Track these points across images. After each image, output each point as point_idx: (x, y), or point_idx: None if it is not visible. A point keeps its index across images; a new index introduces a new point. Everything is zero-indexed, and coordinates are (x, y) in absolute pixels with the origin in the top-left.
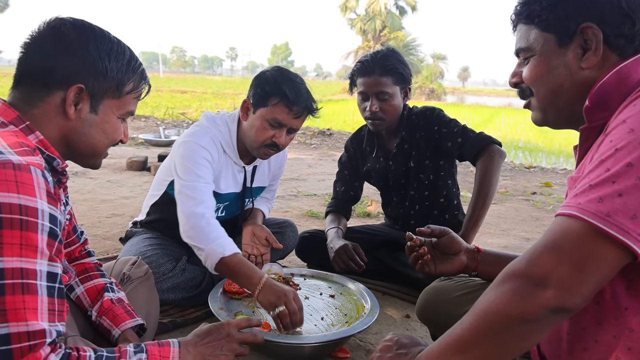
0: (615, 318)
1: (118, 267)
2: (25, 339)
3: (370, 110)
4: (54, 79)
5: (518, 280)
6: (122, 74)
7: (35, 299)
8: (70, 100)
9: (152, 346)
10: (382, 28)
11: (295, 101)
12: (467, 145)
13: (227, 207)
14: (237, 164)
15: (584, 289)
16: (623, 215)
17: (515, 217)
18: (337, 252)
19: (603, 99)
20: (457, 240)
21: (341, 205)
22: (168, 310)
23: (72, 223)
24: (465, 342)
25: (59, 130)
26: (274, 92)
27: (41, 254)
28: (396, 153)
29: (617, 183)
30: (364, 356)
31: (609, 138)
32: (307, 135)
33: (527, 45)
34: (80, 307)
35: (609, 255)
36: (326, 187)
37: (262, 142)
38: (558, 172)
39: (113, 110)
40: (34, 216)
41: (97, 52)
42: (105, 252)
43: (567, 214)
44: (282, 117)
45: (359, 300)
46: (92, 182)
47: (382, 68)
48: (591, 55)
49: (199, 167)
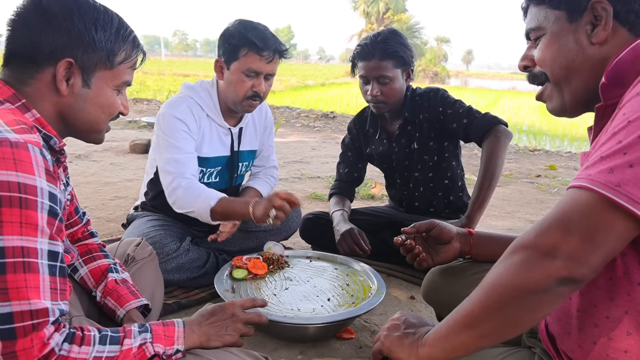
0: (627, 294)
1: (122, 248)
2: (28, 317)
3: (371, 94)
4: (42, 55)
5: (527, 252)
6: (112, 44)
7: (37, 278)
8: (60, 75)
9: (157, 326)
10: (386, 10)
11: (264, 47)
12: (472, 126)
13: (219, 173)
14: (222, 126)
15: (593, 260)
16: (633, 186)
17: (520, 200)
18: (343, 236)
19: (619, 76)
20: (447, 229)
21: (345, 187)
22: (173, 292)
23: (74, 204)
24: (473, 317)
25: (54, 107)
26: (242, 43)
27: (42, 232)
28: (399, 134)
29: (629, 154)
30: (368, 337)
31: (622, 111)
32: (311, 118)
33: (537, 24)
34: (84, 288)
35: (618, 225)
36: (330, 169)
37: (244, 94)
38: (562, 155)
39: (107, 82)
40: (33, 194)
41: (82, 23)
42: (110, 234)
43: (578, 185)
44: (256, 65)
45: (365, 282)
46: (95, 164)
47: (382, 52)
48: (600, 29)
49: (176, 139)
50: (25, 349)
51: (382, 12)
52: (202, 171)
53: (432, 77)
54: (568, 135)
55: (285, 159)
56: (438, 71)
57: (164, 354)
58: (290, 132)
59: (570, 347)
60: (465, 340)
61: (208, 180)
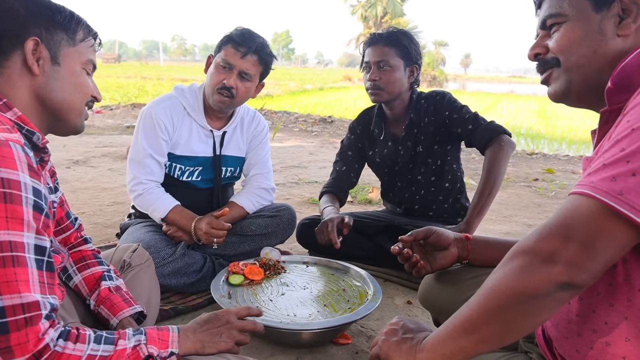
0: (627, 300)
1: (118, 254)
2: (20, 311)
3: (370, 78)
4: (5, 41)
5: (527, 257)
6: (69, 22)
7: (25, 271)
8: (29, 54)
9: (151, 330)
10: (384, 14)
11: (241, 42)
12: (477, 133)
13: (202, 172)
14: (204, 127)
15: (593, 266)
16: (635, 194)
17: (518, 204)
18: (323, 223)
19: (625, 81)
20: (445, 235)
21: (338, 186)
22: (169, 297)
23: (65, 209)
24: (472, 322)
25: (29, 92)
26: (225, 38)
27: (28, 227)
28: (405, 137)
29: (632, 162)
30: (365, 342)
31: (627, 118)
32: (308, 122)
33: (559, 11)
34: (79, 296)
35: (619, 233)
36: (327, 174)
37: (215, 85)
38: (560, 159)
39: (74, 60)
40: (17, 189)
41: (37, 7)
42: (107, 240)
43: (579, 192)
44: (230, 58)
45: (361, 287)
46: (93, 170)
47: (387, 39)
48: (630, 22)
49: (147, 137)
50: (20, 344)
51: (380, 16)
52: (181, 169)
53: (430, 81)
54: (566, 138)
55: (283, 164)
56: (436, 75)
57: (158, 356)
58: (288, 137)
59: (568, 352)
60: (464, 346)
61: (188, 178)
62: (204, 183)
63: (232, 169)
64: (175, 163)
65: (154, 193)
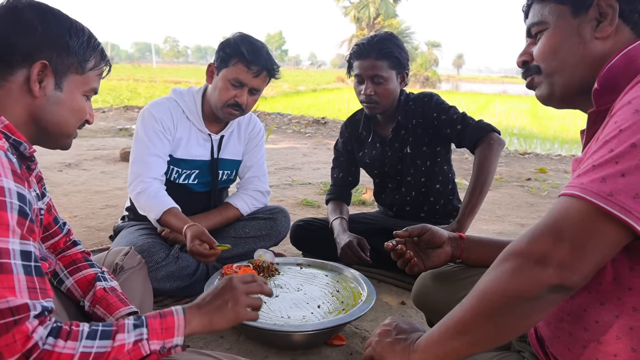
0: (617, 298)
1: (110, 257)
2: (8, 314)
3: (365, 93)
4: (16, 57)
5: (518, 259)
6: (84, 50)
7: (10, 278)
8: (34, 76)
9: (154, 318)
10: (376, 16)
11: (253, 60)
12: (466, 133)
13: (199, 176)
14: (202, 131)
15: (584, 268)
16: (625, 195)
17: (510, 203)
18: (343, 250)
19: (611, 82)
20: (439, 233)
21: (340, 192)
22: (163, 301)
23: (53, 214)
24: (465, 323)
25: (25, 109)
26: (234, 53)
27: (12, 232)
28: (392, 138)
29: (620, 163)
30: (359, 343)
31: (614, 119)
32: (302, 124)
33: (540, 19)
34: (71, 299)
35: (610, 234)
36: (321, 175)
37: (225, 101)
38: (552, 158)
39: (77, 87)
40: (1, 194)
41: (57, 29)
42: (100, 243)
43: (570, 194)
44: (242, 77)
45: (355, 288)
46: (85, 173)
47: (378, 52)
48: (607, 25)
49: (149, 137)
50: (8, 345)
51: (372, 17)
52: (178, 171)
53: (423, 82)
54: (558, 138)
55: (277, 166)
56: (429, 76)
57: (162, 349)
58: (282, 139)
59: (560, 351)
60: (457, 347)
61: (185, 181)
62: (200, 186)
63: (229, 172)
64: (173, 166)
65: (154, 192)
